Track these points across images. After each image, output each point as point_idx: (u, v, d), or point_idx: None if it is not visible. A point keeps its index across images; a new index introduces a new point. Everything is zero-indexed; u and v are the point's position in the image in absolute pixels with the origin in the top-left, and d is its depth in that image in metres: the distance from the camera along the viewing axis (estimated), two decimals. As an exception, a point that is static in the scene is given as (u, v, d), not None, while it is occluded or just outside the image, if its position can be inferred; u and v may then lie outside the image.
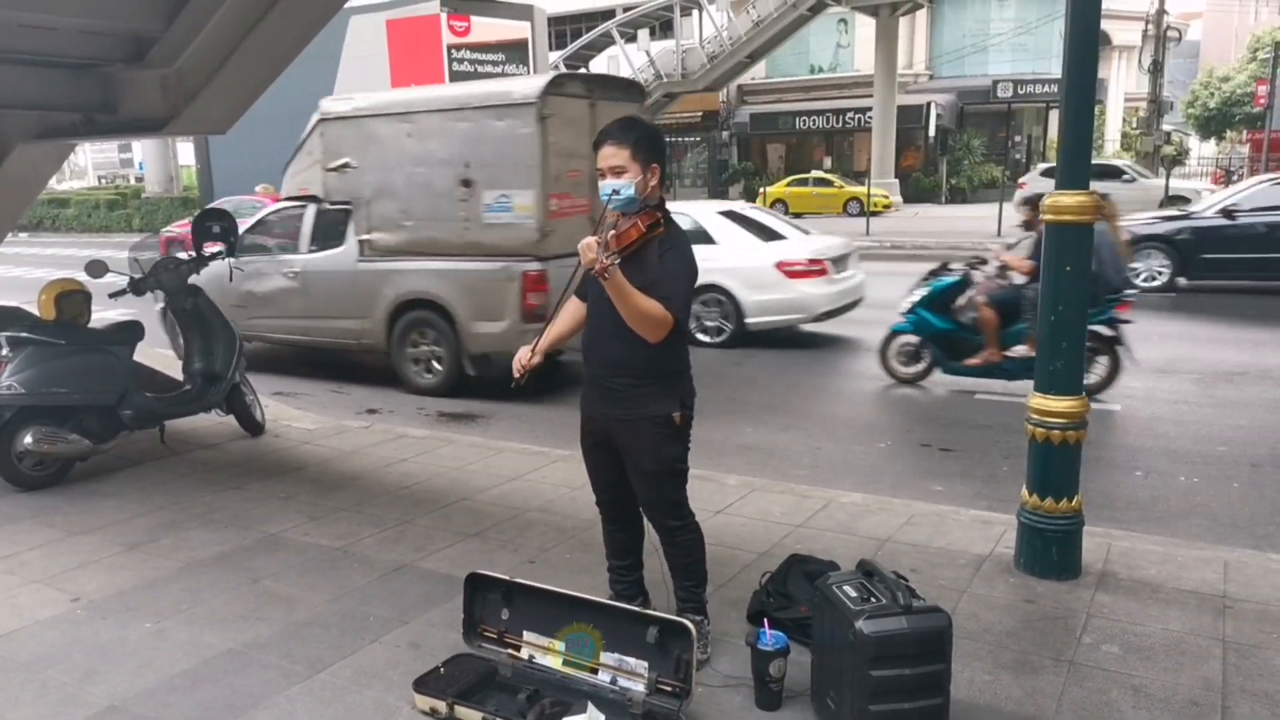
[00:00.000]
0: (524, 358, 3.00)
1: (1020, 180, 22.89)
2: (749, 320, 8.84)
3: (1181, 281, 11.60)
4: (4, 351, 4.91)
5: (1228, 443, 5.76)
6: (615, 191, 2.82)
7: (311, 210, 7.88)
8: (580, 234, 7.66)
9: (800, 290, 8.60)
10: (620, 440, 3.00)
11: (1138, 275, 11.25)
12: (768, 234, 9.37)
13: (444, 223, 7.09)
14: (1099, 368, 6.67)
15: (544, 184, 6.78)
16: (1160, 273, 11.68)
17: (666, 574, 3.18)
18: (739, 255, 8.92)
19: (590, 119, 7.09)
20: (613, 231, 2.76)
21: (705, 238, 8.78)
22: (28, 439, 4.84)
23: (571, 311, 3.11)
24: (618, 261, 2.66)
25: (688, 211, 9.33)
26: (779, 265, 8.70)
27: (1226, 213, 11.46)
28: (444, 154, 7.06)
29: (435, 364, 7.50)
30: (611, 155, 2.86)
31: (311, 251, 7.85)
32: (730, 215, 9.47)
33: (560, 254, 6.86)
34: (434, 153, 7.10)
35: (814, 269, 8.71)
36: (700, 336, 8.94)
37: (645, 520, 3.20)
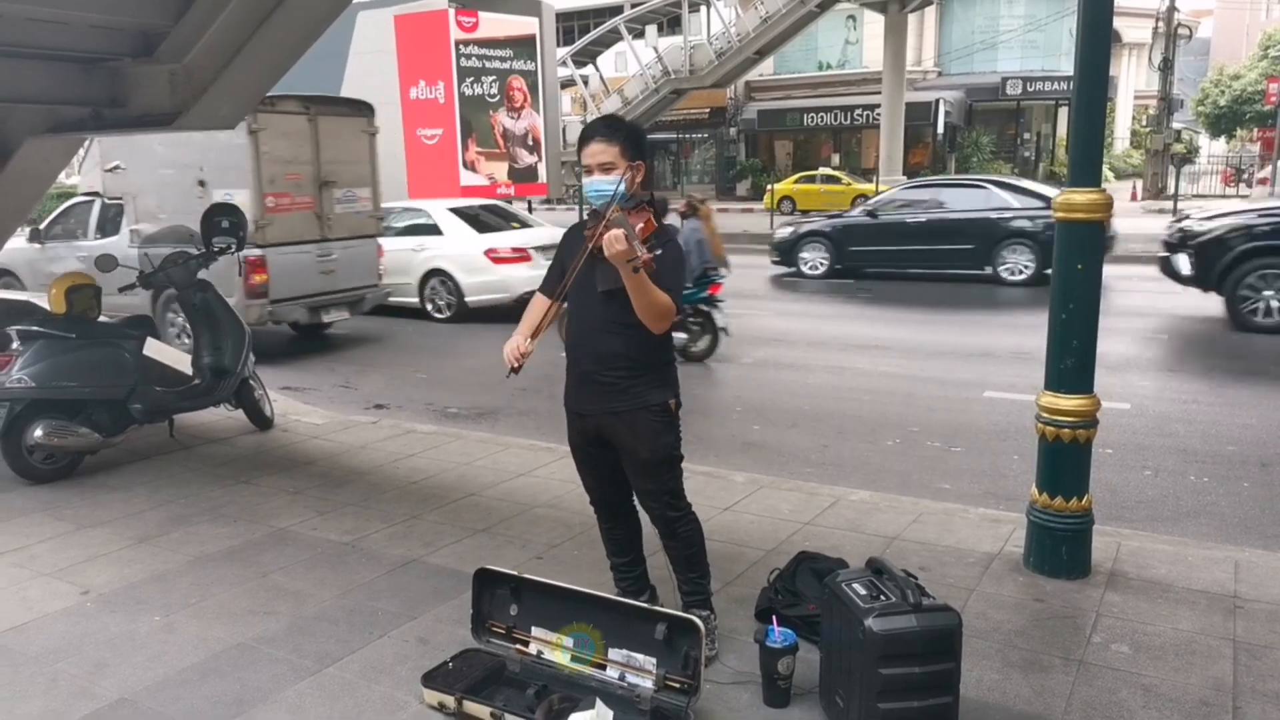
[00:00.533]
0: (520, 347, 2.92)
1: (1261, 176, 22.76)
2: (468, 299, 10.50)
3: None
4: (14, 345, 4.93)
5: (1237, 442, 5.73)
6: (611, 188, 2.82)
7: (97, 204, 9.80)
8: (305, 228, 8.93)
9: (503, 274, 10.25)
10: (616, 434, 2.98)
11: (805, 264, 14.09)
12: (490, 227, 11.06)
13: (189, 216, 8.16)
14: (704, 340, 8.29)
15: (258, 185, 8.42)
16: (822, 263, 14.05)
17: (672, 571, 3.18)
18: (459, 245, 10.66)
19: (311, 131, 8.90)
20: (640, 226, 2.77)
21: (435, 230, 10.93)
22: (38, 432, 4.86)
23: (539, 308, 3.07)
24: (657, 252, 2.71)
25: (424, 208, 11.56)
26: (487, 253, 10.37)
27: (870, 212, 13.96)
28: (185, 159, 8.62)
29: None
30: (600, 152, 2.87)
31: (96, 239, 9.60)
32: (457, 211, 11.27)
33: (279, 243, 8.65)
34: (178, 158, 8.68)
35: (517, 256, 10.41)
36: (433, 314, 10.76)
37: (640, 515, 3.21)
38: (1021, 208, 12.68)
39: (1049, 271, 3.62)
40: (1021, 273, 12.51)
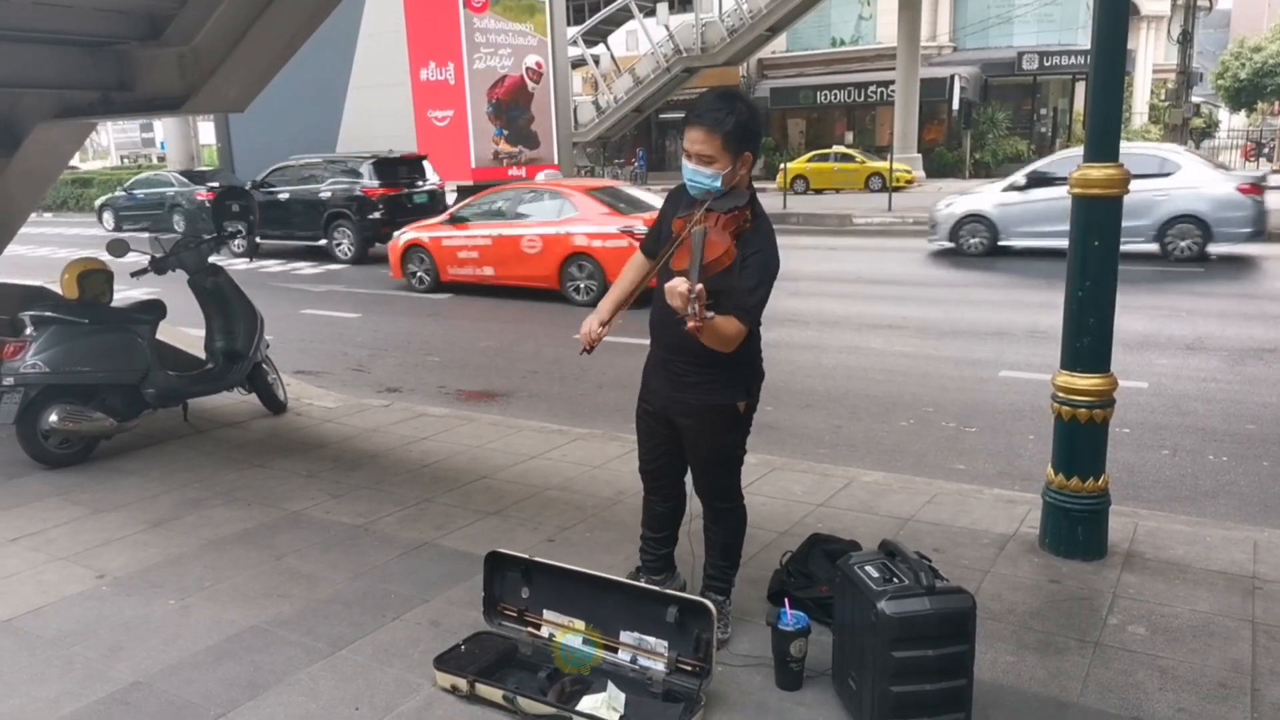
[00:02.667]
0: (594, 332, 2.88)
1: None
2: None
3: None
4: (28, 330, 4.95)
5: (1257, 420, 5.67)
6: (707, 182, 2.68)
7: None
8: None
9: None
10: (680, 423, 2.95)
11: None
12: None
13: None
14: None
15: None
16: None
17: (702, 550, 3.15)
18: None
19: None
20: (721, 253, 2.54)
21: None
22: (53, 417, 4.89)
23: (637, 268, 2.99)
24: (710, 318, 2.44)
25: None
26: None
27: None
28: None
29: None
30: (701, 142, 2.67)
31: None
32: None
33: None
34: None
35: None
36: None
37: (687, 498, 3.17)
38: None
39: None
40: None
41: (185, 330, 7.23)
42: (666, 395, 2.94)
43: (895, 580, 2.58)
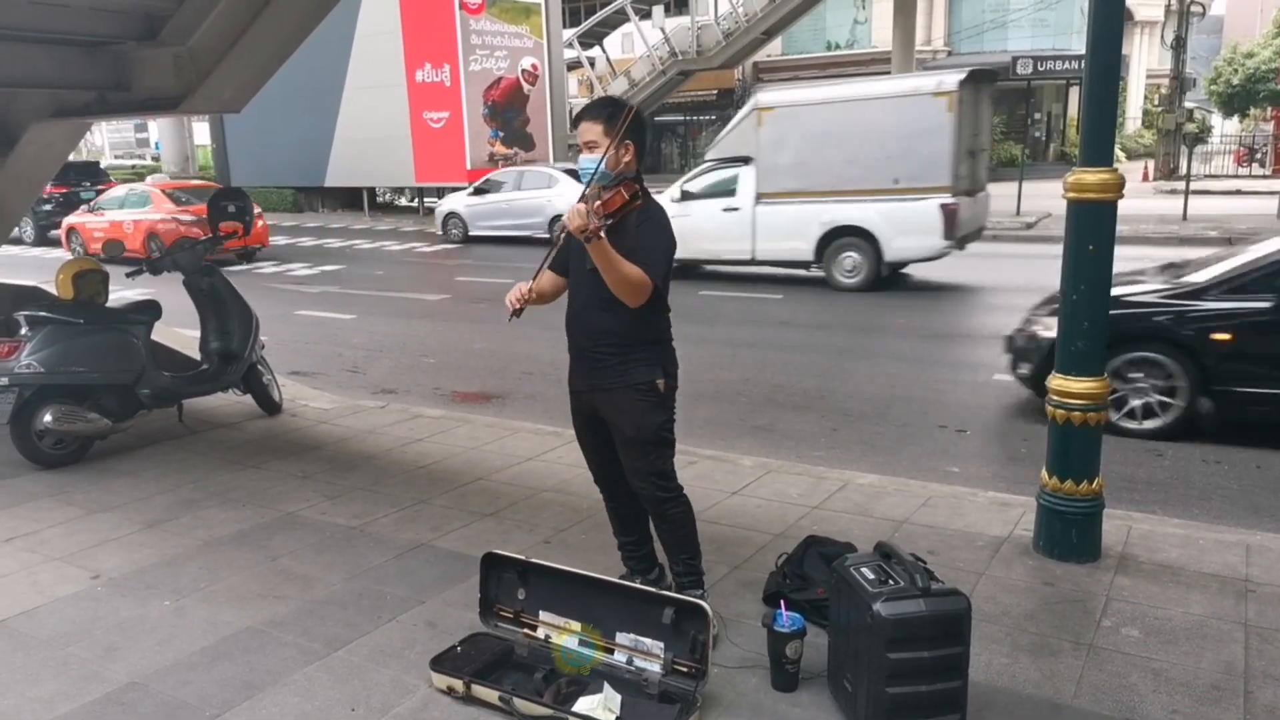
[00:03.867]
0: (521, 289, 2.98)
1: None
2: None
3: None
4: (23, 330, 4.93)
5: (1245, 425, 5.68)
6: (593, 165, 2.91)
7: None
8: None
9: None
10: (605, 410, 3.04)
11: None
12: None
13: None
14: None
15: None
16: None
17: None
18: None
19: None
20: (599, 201, 2.82)
21: None
22: (47, 417, 4.88)
23: (551, 281, 3.16)
24: (608, 223, 2.76)
25: None
26: None
27: None
28: None
29: None
30: (586, 130, 2.98)
31: None
32: None
33: None
34: None
35: None
36: None
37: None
38: None
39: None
40: None
41: (180, 331, 7.23)
42: (588, 386, 3.05)
43: (891, 582, 2.59)
